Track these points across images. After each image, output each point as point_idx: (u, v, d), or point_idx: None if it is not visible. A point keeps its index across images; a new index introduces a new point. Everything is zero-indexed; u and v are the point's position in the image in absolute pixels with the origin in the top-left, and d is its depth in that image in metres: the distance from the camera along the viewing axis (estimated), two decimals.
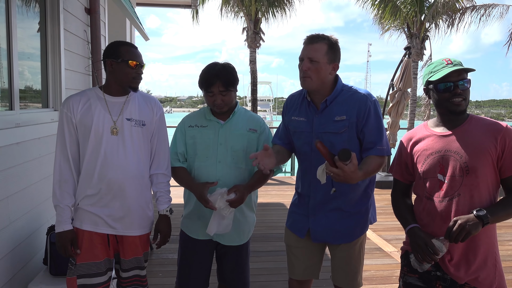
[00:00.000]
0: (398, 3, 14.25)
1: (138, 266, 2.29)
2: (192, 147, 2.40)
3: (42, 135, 3.17)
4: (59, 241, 2.15)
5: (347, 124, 2.14)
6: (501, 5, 13.64)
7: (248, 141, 2.40)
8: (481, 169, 1.83)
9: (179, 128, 2.47)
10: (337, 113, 2.16)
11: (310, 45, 2.13)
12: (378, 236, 5.09)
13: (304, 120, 2.25)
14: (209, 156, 2.36)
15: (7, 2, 2.76)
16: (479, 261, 1.87)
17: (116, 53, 2.16)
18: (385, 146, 2.16)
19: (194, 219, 2.44)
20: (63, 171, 2.17)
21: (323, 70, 2.13)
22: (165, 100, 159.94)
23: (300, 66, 2.15)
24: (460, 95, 1.86)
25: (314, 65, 2.11)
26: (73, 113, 2.15)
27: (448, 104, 1.89)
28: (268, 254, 4.44)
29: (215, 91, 2.30)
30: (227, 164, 2.35)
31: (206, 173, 2.36)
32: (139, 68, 2.19)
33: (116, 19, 6.00)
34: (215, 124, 2.39)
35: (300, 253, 2.39)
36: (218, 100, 2.31)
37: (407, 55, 8.05)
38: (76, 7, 4.06)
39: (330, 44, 2.14)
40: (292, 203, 2.45)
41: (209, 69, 2.33)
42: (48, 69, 3.54)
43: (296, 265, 2.41)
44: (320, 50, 2.11)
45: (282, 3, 14.23)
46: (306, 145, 2.25)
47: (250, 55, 14.07)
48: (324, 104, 2.19)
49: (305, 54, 2.13)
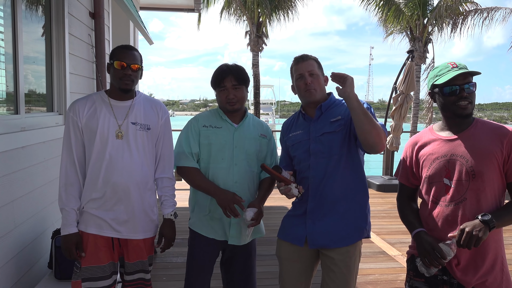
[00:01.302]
0: (401, 6, 14.27)
1: (143, 269, 2.29)
2: (206, 147, 2.37)
3: (47, 139, 3.17)
4: (65, 244, 2.16)
5: (342, 123, 2.23)
6: (504, 8, 13.62)
7: (260, 145, 2.45)
8: (487, 173, 1.82)
9: (192, 127, 2.42)
10: (332, 116, 2.28)
11: (304, 62, 2.29)
12: (382, 239, 5.08)
13: (301, 132, 2.34)
14: (224, 158, 2.35)
15: (13, 7, 2.77)
16: (486, 265, 1.86)
17: (111, 55, 2.21)
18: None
19: (207, 219, 2.42)
20: (69, 174, 2.18)
21: (321, 81, 2.32)
22: (168, 104, 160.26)
23: (301, 82, 2.28)
24: (466, 98, 1.86)
25: (315, 78, 2.28)
26: (79, 117, 2.17)
27: (454, 107, 1.88)
28: (272, 257, 4.42)
29: (228, 85, 2.34)
30: (242, 167, 2.37)
31: (223, 176, 2.35)
32: (127, 69, 2.16)
33: (120, 23, 6.02)
34: (229, 126, 2.40)
35: (293, 266, 2.33)
36: (230, 95, 2.34)
37: (410, 58, 8.05)
38: (81, 11, 4.08)
39: (316, 60, 2.34)
40: (287, 215, 2.44)
41: (221, 66, 2.41)
42: (53, 73, 3.55)
43: (287, 281, 2.35)
44: (314, 65, 2.30)
45: (285, 6, 14.27)
46: (304, 152, 2.30)
47: (253, 58, 14.11)
48: (319, 111, 2.29)
49: (304, 70, 2.27)
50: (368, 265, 4.26)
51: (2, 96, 2.73)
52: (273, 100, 67.17)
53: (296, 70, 2.30)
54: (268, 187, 2.49)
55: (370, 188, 8.23)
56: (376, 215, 6.19)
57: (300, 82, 2.28)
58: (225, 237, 2.41)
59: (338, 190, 2.22)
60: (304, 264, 2.33)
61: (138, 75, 2.22)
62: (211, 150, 2.36)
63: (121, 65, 2.15)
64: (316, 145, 2.25)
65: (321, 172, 2.23)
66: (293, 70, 2.34)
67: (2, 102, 2.75)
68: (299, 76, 2.28)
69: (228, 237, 2.40)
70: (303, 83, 2.26)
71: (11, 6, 2.77)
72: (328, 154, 2.22)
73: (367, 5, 14.32)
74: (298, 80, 2.29)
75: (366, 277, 3.93)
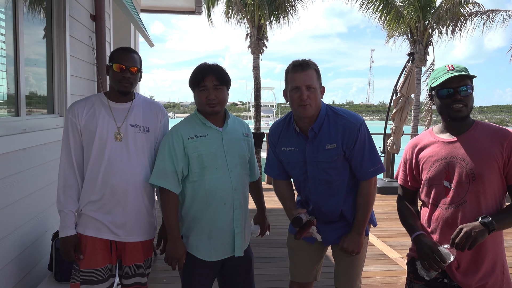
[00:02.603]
0: (401, 9, 14.28)
1: (139, 273, 2.29)
2: (197, 160, 2.17)
3: (47, 141, 3.18)
4: (63, 246, 2.16)
5: (338, 152, 2.17)
6: (504, 11, 13.63)
7: (247, 145, 2.36)
8: (487, 175, 1.82)
9: (175, 142, 2.17)
10: (327, 141, 2.17)
11: (303, 73, 2.10)
12: (383, 242, 5.07)
13: (295, 150, 2.25)
14: (218, 167, 2.19)
15: (15, 9, 2.78)
16: (486, 268, 1.86)
17: (110, 57, 2.21)
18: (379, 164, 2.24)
19: (204, 240, 2.23)
20: (67, 176, 2.18)
21: (318, 96, 2.15)
22: (168, 106, 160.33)
23: (296, 95, 2.11)
24: (460, 101, 1.85)
25: (312, 92, 2.11)
26: (78, 118, 2.17)
27: (449, 110, 1.89)
28: (272, 260, 4.43)
29: (208, 85, 2.16)
30: (238, 172, 2.25)
31: (221, 185, 2.19)
32: (126, 71, 2.16)
33: (121, 25, 6.03)
34: (214, 132, 2.23)
35: (303, 255, 2.42)
36: (211, 95, 2.15)
37: (411, 60, 8.06)
38: (82, 13, 4.09)
39: (316, 70, 2.16)
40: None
41: (201, 65, 2.23)
42: (53, 75, 3.56)
43: (299, 267, 2.44)
44: (313, 77, 2.12)
45: (286, 9, 14.27)
46: (302, 175, 2.28)
47: (254, 61, 14.10)
48: (312, 132, 2.19)
49: (302, 82, 2.09)
50: (368, 267, 4.25)
51: (3, 98, 2.73)
52: (274, 103, 67.18)
53: (293, 80, 2.12)
54: (260, 193, 2.55)
55: None
56: (377, 217, 6.13)
57: (295, 95, 2.11)
58: (230, 253, 2.27)
59: (344, 207, 2.29)
60: (314, 251, 2.42)
61: (137, 77, 2.22)
62: (203, 161, 2.17)
63: (120, 67, 2.15)
64: (314, 171, 2.23)
65: (323, 196, 2.27)
66: (288, 77, 2.16)
67: (3, 104, 2.76)
68: (295, 88, 2.11)
69: (234, 250, 2.26)
70: (297, 96, 2.10)
71: (13, 8, 2.78)
72: (328, 181, 2.23)
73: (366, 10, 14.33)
74: (293, 91, 2.13)
75: (367, 280, 3.92)
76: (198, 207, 2.21)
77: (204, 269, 2.25)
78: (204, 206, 2.20)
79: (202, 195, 2.19)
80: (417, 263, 1.95)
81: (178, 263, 2.18)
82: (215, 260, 2.25)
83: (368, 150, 2.19)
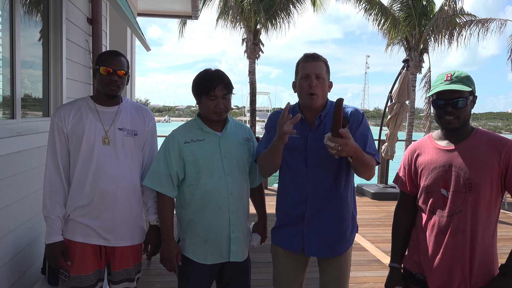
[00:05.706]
0: (398, 16, 14.40)
1: (128, 278, 2.27)
2: (193, 164, 2.18)
3: (42, 144, 3.17)
4: (50, 253, 2.11)
5: None
6: (498, 19, 13.81)
7: (248, 150, 2.35)
8: (484, 185, 1.81)
9: (171, 146, 2.20)
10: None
11: (314, 63, 2.16)
12: (376, 248, 5.08)
13: (298, 137, 2.24)
14: (214, 171, 2.19)
15: (11, 12, 2.78)
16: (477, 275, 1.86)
17: (97, 61, 2.18)
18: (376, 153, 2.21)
19: (200, 243, 2.23)
20: (53, 181, 2.14)
21: (326, 87, 2.20)
22: (164, 109, 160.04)
23: (306, 83, 2.15)
24: (451, 113, 1.85)
25: (320, 82, 2.16)
26: (64, 122, 2.14)
27: (440, 120, 1.90)
28: (266, 265, 4.41)
29: (218, 94, 2.15)
30: (235, 177, 2.24)
31: (217, 190, 2.19)
32: (113, 75, 2.14)
33: (117, 29, 6.03)
34: (212, 136, 2.24)
35: (287, 262, 2.35)
36: (220, 104, 2.17)
37: (406, 67, 8.11)
38: (79, 17, 4.09)
39: (326, 63, 2.22)
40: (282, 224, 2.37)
41: (208, 72, 2.21)
42: (49, 78, 3.56)
43: (283, 276, 2.37)
44: (323, 68, 2.18)
45: (281, 15, 14.35)
46: (301, 162, 2.23)
47: (250, 65, 14.15)
48: (318, 120, 2.21)
49: (312, 71, 2.14)
50: (362, 273, 4.25)
51: None
52: (269, 107, 67.32)
53: (304, 69, 2.16)
54: (261, 200, 2.52)
55: (365, 196, 8.25)
56: (371, 223, 6.18)
57: (305, 83, 2.15)
58: (226, 257, 2.26)
59: (335, 201, 2.25)
60: (298, 260, 2.36)
61: (124, 81, 2.20)
62: (199, 165, 2.18)
63: (107, 70, 2.13)
64: (315, 157, 2.20)
65: (319, 184, 2.23)
66: (299, 67, 2.20)
67: None
68: (305, 76, 2.15)
69: (230, 254, 2.25)
70: (307, 84, 2.14)
71: (9, 11, 2.77)
72: (327, 168, 2.21)
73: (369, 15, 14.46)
74: (303, 80, 2.16)
75: (360, 285, 3.93)
76: (194, 210, 2.21)
77: (201, 272, 2.24)
78: (200, 209, 2.20)
79: (198, 198, 2.19)
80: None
81: (171, 264, 2.18)
82: (211, 264, 2.24)
83: (371, 137, 2.22)
